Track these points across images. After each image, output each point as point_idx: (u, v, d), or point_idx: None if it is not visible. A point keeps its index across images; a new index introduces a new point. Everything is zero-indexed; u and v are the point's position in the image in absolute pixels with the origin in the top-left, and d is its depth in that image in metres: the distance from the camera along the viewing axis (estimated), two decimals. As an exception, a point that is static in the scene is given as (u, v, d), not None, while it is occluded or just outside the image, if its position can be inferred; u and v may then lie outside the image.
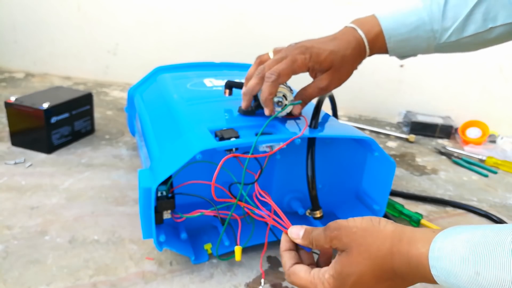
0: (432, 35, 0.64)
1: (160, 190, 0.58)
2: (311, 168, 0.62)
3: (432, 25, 0.63)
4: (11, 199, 0.77)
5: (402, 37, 0.64)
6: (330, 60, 0.63)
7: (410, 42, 0.65)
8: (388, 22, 0.64)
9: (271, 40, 1.45)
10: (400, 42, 0.65)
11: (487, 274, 0.32)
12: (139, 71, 1.11)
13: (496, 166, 1.11)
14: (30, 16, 1.56)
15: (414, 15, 0.64)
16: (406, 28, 0.64)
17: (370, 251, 0.42)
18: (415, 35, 0.64)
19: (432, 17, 0.63)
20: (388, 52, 0.67)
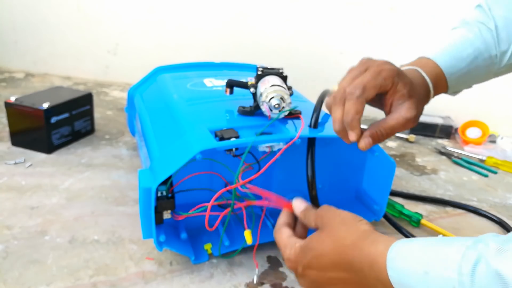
0: (491, 62, 0.60)
1: (160, 190, 0.58)
2: (311, 168, 0.62)
3: (490, 52, 0.59)
4: (11, 199, 0.77)
5: (462, 72, 0.59)
6: (410, 85, 0.51)
7: (471, 74, 0.60)
8: (445, 61, 0.59)
9: (271, 40, 1.45)
10: (461, 77, 0.60)
11: (435, 272, 0.33)
12: (139, 71, 1.11)
13: (496, 166, 1.11)
14: (30, 16, 1.56)
15: (469, 47, 0.59)
16: (465, 62, 0.59)
17: (337, 236, 0.44)
18: (475, 66, 0.60)
19: (487, 44, 0.59)
20: (447, 90, 0.61)
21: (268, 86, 0.63)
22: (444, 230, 0.76)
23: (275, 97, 0.62)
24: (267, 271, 0.64)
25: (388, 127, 0.50)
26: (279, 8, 1.41)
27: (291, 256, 0.48)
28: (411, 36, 1.33)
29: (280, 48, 1.44)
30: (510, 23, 0.58)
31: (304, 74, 1.38)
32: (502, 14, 0.59)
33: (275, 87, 0.63)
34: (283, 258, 0.50)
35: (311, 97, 0.82)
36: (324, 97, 0.70)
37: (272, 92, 0.62)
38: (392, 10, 1.32)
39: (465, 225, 0.82)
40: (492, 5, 0.60)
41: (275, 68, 0.69)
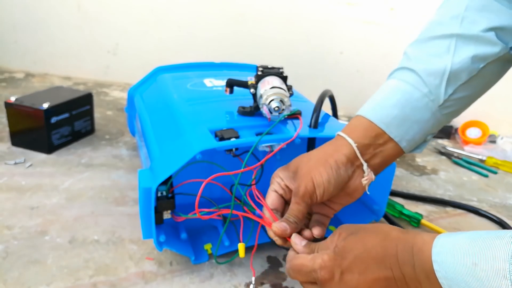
0: (428, 99, 0.53)
1: (160, 190, 0.58)
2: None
3: (420, 90, 0.53)
4: (11, 199, 0.77)
5: (399, 118, 0.53)
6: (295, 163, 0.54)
7: (412, 119, 0.53)
8: (375, 113, 0.53)
9: (271, 40, 1.45)
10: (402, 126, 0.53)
11: (485, 265, 0.33)
12: (139, 71, 1.11)
13: (496, 166, 1.11)
14: (30, 16, 1.56)
15: (396, 93, 0.54)
16: (397, 108, 0.53)
17: (379, 231, 0.43)
18: (410, 109, 0.53)
19: (413, 84, 0.54)
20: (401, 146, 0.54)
21: (268, 88, 0.63)
22: (444, 230, 0.76)
23: (275, 99, 0.62)
24: (267, 271, 0.64)
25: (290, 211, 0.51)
26: (279, 8, 1.41)
27: (326, 262, 0.44)
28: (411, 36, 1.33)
29: (280, 48, 1.44)
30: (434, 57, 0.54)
31: (304, 74, 1.38)
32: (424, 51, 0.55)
33: (275, 89, 0.63)
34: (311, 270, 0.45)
35: (311, 97, 0.82)
36: (324, 97, 0.70)
37: (272, 94, 0.62)
38: (392, 10, 1.32)
39: (465, 225, 0.82)
40: (414, 47, 0.57)
41: (275, 68, 0.69)
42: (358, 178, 0.52)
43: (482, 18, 0.52)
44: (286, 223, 0.50)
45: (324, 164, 0.50)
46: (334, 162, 0.51)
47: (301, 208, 0.50)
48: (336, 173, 0.50)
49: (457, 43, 0.53)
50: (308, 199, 0.50)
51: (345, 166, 0.51)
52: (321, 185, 0.50)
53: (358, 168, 0.52)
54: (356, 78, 1.43)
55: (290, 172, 0.53)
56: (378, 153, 0.54)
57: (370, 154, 0.53)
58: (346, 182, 0.52)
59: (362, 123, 0.54)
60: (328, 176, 0.50)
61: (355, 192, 0.53)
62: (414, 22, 1.32)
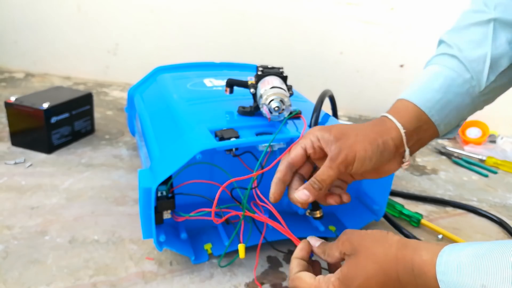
0: (469, 85, 0.55)
1: (160, 190, 0.58)
2: (311, 168, 0.62)
3: (463, 76, 0.55)
4: (11, 199, 0.77)
5: (441, 103, 0.54)
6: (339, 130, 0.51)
7: (452, 103, 0.55)
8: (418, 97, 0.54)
9: (271, 40, 1.45)
10: (443, 110, 0.55)
11: (494, 286, 0.33)
12: (139, 71, 1.11)
13: (496, 166, 1.11)
14: (30, 16, 1.56)
15: (439, 77, 0.55)
16: (440, 92, 0.54)
17: (377, 255, 0.43)
18: (453, 94, 0.55)
19: (456, 70, 0.55)
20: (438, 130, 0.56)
21: (268, 88, 0.63)
22: (444, 230, 0.76)
23: (274, 99, 0.62)
24: (267, 271, 0.64)
25: (318, 175, 0.50)
26: (279, 8, 1.41)
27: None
28: (411, 36, 1.33)
29: (280, 48, 1.44)
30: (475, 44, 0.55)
31: (304, 74, 1.38)
32: (463, 38, 0.56)
33: (275, 89, 0.63)
34: None
35: (311, 97, 0.82)
36: (324, 97, 0.70)
37: (272, 94, 0.62)
38: (392, 10, 1.32)
39: (465, 225, 0.82)
40: (452, 34, 0.58)
41: (275, 68, 0.69)
42: (395, 162, 0.53)
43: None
44: (308, 190, 0.50)
45: (372, 142, 0.50)
46: (382, 143, 0.51)
47: (332, 174, 0.50)
48: (381, 154, 0.51)
49: (495, 29, 0.54)
50: (343, 168, 0.49)
51: (390, 151, 0.51)
52: (362, 160, 0.49)
53: (399, 154, 0.53)
54: (356, 78, 1.43)
55: (331, 135, 0.50)
56: (420, 138, 0.55)
57: (413, 141, 0.54)
58: (384, 164, 0.53)
59: (408, 107, 0.54)
60: (371, 154, 0.50)
61: (386, 173, 0.54)
62: (414, 22, 1.32)
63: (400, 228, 0.74)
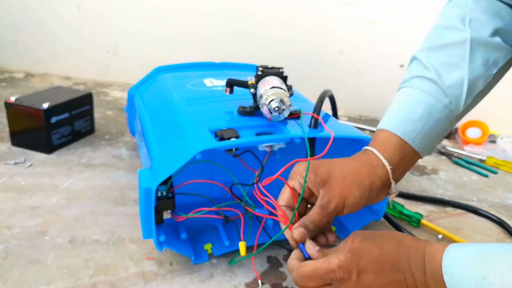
0: (448, 110, 0.56)
1: (160, 190, 0.58)
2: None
3: (442, 102, 0.55)
4: (11, 199, 0.77)
5: (423, 131, 0.55)
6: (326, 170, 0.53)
7: (434, 130, 0.56)
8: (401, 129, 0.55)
9: (271, 40, 1.45)
10: (426, 137, 0.56)
11: (493, 279, 0.35)
12: (139, 71, 1.11)
13: (496, 166, 1.11)
14: (30, 16, 1.56)
15: (419, 106, 0.56)
16: (422, 122, 0.55)
17: (394, 237, 0.45)
18: (434, 121, 0.56)
19: (435, 96, 0.56)
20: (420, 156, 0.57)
21: (268, 88, 0.63)
22: (444, 230, 0.76)
23: (274, 99, 0.62)
24: (267, 271, 0.64)
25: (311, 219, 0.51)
26: (279, 8, 1.41)
27: (343, 262, 0.44)
28: (411, 36, 1.33)
29: (280, 48, 1.44)
30: (452, 67, 0.55)
31: (304, 74, 1.38)
32: (440, 60, 0.56)
33: (275, 89, 0.63)
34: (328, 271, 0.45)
35: (311, 97, 0.82)
36: (324, 97, 0.70)
37: (272, 94, 0.62)
38: (392, 10, 1.32)
39: (465, 225, 0.82)
40: (428, 54, 0.58)
41: (275, 68, 0.69)
42: (382, 195, 0.55)
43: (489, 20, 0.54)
44: (305, 229, 0.51)
45: (359, 186, 0.52)
46: (369, 185, 0.52)
47: (324, 221, 0.51)
48: (368, 196, 0.52)
49: (472, 50, 0.55)
50: (334, 215, 0.52)
51: (377, 188, 0.53)
52: (351, 206, 0.51)
53: (385, 187, 0.55)
54: (356, 78, 1.43)
55: (318, 178, 0.52)
56: (404, 168, 0.57)
57: (398, 172, 0.55)
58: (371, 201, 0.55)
59: (391, 139, 0.55)
60: (360, 199, 0.52)
61: (371, 204, 0.56)
62: (414, 22, 1.32)
63: (400, 228, 0.74)
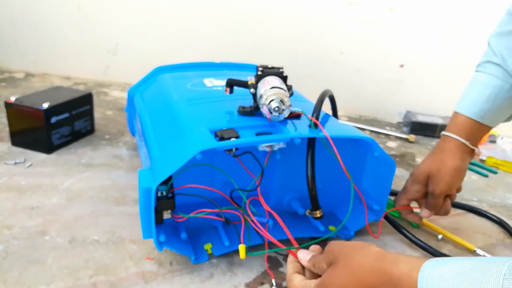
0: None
1: (160, 190, 0.58)
2: (311, 168, 0.62)
3: (509, 82, 0.66)
4: (11, 199, 0.77)
5: (492, 110, 0.67)
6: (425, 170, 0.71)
7: (502, 107, 0.68)
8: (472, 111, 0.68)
9: (271, 40, 1.45)
10: (495, 114, 0.68)
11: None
12: (139, 71, 1.11)
13: (496, 166, 1.11)
14: (30, 16, 1.56)
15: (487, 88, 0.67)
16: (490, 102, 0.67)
17: (353, 265, 0.45)
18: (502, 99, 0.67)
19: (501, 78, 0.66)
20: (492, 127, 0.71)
21: (268, 88, 0.63)
22: (444, 230, 0.76)
23: (274, 100, 0.62)
24: (267, 271, 0.64)
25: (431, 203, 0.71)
26: (279, 8, 1.41)
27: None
28: (411, 36, 1.33)
29: (280, 48, 1.44)
30: None
31: (304, 74, 1.38)
32: (506, 45, 0.66)
33: (275, 89, 0.63)
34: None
35: (311, 97, 0.82)
36: (324, 97, 0.70)
37: (272, 94, 0.62)
38: (392, 10, 1.32)
39: (465, 225, 0.82)
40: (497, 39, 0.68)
41: (275, 68, 0.69)
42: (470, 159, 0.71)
43: None
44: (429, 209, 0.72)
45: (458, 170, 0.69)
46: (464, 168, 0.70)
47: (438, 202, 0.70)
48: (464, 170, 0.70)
49: None
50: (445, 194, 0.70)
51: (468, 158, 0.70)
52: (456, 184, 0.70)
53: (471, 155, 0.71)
54: (356, 78, 1.43)
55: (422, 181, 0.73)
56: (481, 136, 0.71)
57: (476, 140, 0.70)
58: None
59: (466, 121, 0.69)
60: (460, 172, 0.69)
61: None
62: (414, 22, 1.32)
63: (400, 228, 0.74)
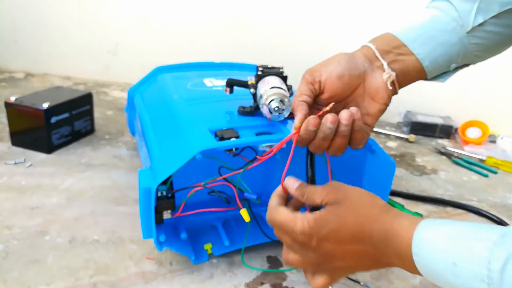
0: (456, 23, 0.55)
1: (160, 190, 0.58)
2: (311, 168, 0.62)
3: (450, 14, 0.55)
4: (11, 199, 0.77)
5: (424, 37, 0.55)
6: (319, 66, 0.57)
7: (437, 39, 0.55)
8: (398, 30, 0.57)
9: (271, 40, 1.45)
10: (426, 44, 0.55)
11: (464, 265, 0.34)
12: (139, 71, 1.11)
13: (496, 166, 1.11)
14: (30, 16, 1.56)
15: (424, 14, 0.57)
16: (422, 27, 0.55)
17: (358, 209, 0.44)
18: (437, 30, 0.55)
19: (445, 9, 0.56)
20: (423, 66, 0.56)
21: (268, 88, 0.63)
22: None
23: (275, 99, 0.62)
24: (267, 271, 0.64)
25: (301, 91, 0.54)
26: (279, 8, 1.40)
27: (305, 228, 0.45)
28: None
29: (280, 48, 1.44)
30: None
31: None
32: None
33: (275, 89, 0.63)
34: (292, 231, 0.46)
35: (311, 97, 0.81)
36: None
37: (272, 94, 0.62)
38: (392, 10, 1.32)
39: (465, 225, 0.82)
40: None
41: (275, 67, 0.69)
42: (379, 78, 0.54)
43: None
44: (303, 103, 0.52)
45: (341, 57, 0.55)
46: (349, 57, 0.55)
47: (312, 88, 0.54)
48: (350, 59, 0.54)
49: None
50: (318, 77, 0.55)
51: (361, 59, 0.54)
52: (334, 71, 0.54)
53: (378, 69, 0.55)
54: (356, 78, 1.43)
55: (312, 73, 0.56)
56: (399, 60, 0.55)
57: (390, 59, 0.55)
58: (363, 77, 0.54)
59: (386, 36, 0.57)
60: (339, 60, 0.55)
61: (378, 94, 0.54)
62: (414, 22, 1.32)
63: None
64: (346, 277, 0.63)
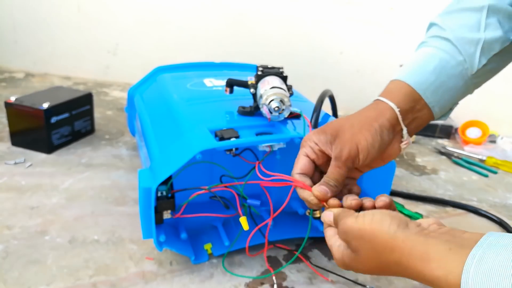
0: (462, 68, 0.56)
1: (160, 190, 0.58)
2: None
3: (456, 58, 0.56)
4: (11, 199, 0.77)
5: (435, 85, 0.55)
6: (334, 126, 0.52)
7: (446, 85, 0.56)
8: (412, 78, 0.55)
9: (271, 40, 1.45)
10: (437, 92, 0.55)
11: None
12: (139, 71, 1.11)
13: (496, 166, 1.11)
14: (30, 16, 1.56)
15: (433, 60, 0.56)
16: (434, 74, 0.55)
17: (380, 258, 0.40)
18: (446, 76, 0.55)
19: (449, 52, 0.56)
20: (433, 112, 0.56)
21: (268, 88, 0.63)
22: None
23: (274, 99, 0.62)
24: (267, 271, 0.64)
25: (330, 175, 0.50)
26: (279, 8, 1.41)
27: None
28: (411, 36, 1.33)
29: (280, 48, 1.44)
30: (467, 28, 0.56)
31: (304, 74, 1.38)
32: (456, 22, 0.57)
33: (275, 89, 0.63)
34: None
35: (311, 97, 0.82)
36: (324, 97, 0.70)
37: (272, 94, 0.62)
38: (392, 10, 1.32)
39: (465, 225, 0.82)
40: (445, 17, 0.59)
41: (275, 67, 0.69)
42: (396, 144, 0.54)
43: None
44: (326, 186, 0.49)
45: (369, 128, 0.51)
46: (378, 127, 0.51)
47: (342, 172, 0.50)
48: (380, 137, 0.51)
49: (488, 15, 0.55)
50: (350, 164, 0.50)
51: (388, 130, 0.52)
52: (365, 149, 0.50)
53: (397, 134, 0.54)
54: (356, 78, 1.43)
55: (328, 135, 0.51)
56: (416, 118, 0.55)
57: (409, 120, 0.54)
58: (387, 147, 0.53)
59: (402, 87, 0.55)
60: (372, 141, 0.50)
61: (389, 157, 0.54)
62: (414, 22, 1.32)
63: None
64: (346, 279, 0.63)
